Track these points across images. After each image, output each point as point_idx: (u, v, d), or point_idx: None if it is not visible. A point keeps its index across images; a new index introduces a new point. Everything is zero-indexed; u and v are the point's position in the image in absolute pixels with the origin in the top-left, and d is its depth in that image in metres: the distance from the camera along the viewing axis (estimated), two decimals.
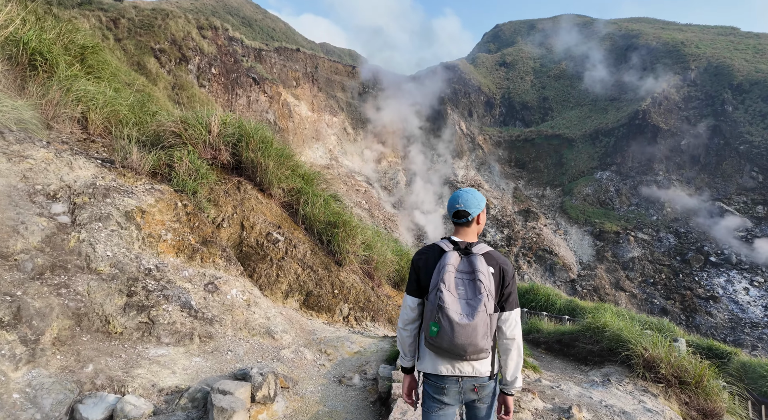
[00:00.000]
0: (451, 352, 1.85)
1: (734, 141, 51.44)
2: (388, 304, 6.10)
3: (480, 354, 1.87)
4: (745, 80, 53.39)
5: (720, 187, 51.17)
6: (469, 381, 1.95)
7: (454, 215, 2.08)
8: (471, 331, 1.80)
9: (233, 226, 5.77)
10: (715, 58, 58.43)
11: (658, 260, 47.75)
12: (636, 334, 4.81)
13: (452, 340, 1.81)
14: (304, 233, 6.30)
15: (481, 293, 1.84)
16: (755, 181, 49.44)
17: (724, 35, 69.57)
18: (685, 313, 42.88)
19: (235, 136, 6.45)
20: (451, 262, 1.91)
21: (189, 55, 37.96)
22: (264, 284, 5.41)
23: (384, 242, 7.10)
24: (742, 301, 41.80)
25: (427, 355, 1.98)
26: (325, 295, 5.66)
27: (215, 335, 3.93)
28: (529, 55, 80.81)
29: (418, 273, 2.03)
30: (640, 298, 45.34)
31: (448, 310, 1.81)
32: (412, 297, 2.04)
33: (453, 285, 1.87)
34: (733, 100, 53.36)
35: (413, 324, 2.05)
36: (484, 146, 64.24)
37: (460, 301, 1.84)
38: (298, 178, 6.80)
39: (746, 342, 38.13)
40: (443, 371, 1.94)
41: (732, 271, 44.49)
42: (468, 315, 1.81)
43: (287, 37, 69.94)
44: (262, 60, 54.53)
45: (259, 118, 47.05)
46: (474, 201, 2.08)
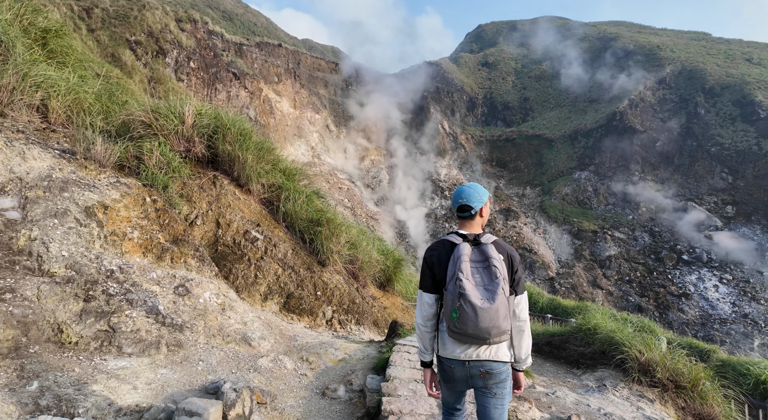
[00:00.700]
0: (476, 337, 1.94)
1: (706, 143, 53.17)
2: (373, 306, 5.81)
3: (502, 336, 1.97)
4: (717, 84, 55.22)
5: (692, 187, 52.81)
6: (476, 365, 2.02)
7: (459, 209, 2.19)
8: (494, 314, 1.91)
9: (208, 223, 5.38)
10: (688, 62, 60.26)
11: (634, 259, 48.98)
12: (629, 336, 4.67)
13: (477, 324, 1.90)
14: (285, 232, 5.95)
15: (497, 277, 1.96)
16: (725, 181, 51.22)
17: (696, 40, 71.85)
18: (659, 310, 44.12)
19: (210, 127, 6.05)
20: (465, 253, 2.02)
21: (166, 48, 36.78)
22: (241, 286, 5.05)
23: (369, 241, 6.81)
24: (712, 298, 43.26)
25: (449, 341, 2.08)
26: (307, 297, 5.34)
27: (185, 343, 3.57)
28: (510, 55, 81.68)
29: (432, 268, 2.13)
30: (617, 296, 46.41)
31: (470, 297, 1.91)
32: (429, 293, 2.13)
33: (470, 273, 1.98)
34: (705, 103, 55.13)
35: (432, 320, 2.15)
36: (466, 145, 64.61)
37: (478, 287, 1.95)
38: (278, 174, 6.44)
39: (715, 337, 39.48)
40: (462, 357, 2.03)
41: (703, 268, 46.00)
42: (489, 299, 1.92)
43: (269, 32, 68.69)
44: (242, 55, 53.41)
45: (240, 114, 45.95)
46: (476, 195, 2.19)
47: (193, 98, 7.58)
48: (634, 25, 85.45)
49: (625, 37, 72.48)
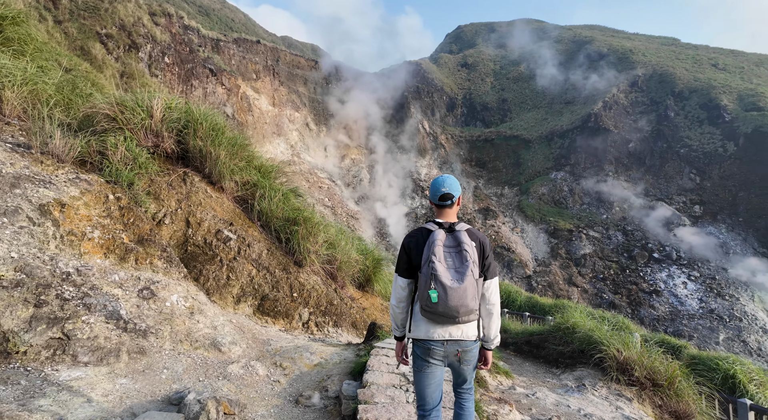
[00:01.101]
0: (446, 315, 2.10)
1: (675, 144, 55.10)
2: (352, 307, 5.65)
3: (470, 315, 2.13)
4: (686, 88, 57.30)
5: (662, 187, 54.65)
6: (453, 345, 2.18)
7: (440, 198, 2.31)
8: (462, 293, 2.06)
9: (177, 222, 5.11)
10: (659, 66, 62.32)
11: (608, 257, 50.32)
12: (607, 335, 4.67)
13: (446, 303, 2.06)
14: (260, 231, 5.73)
15: (467, 260, 2.12)
16: (693, 182, 53.21)
17: (666, 45, 74.42)
18: (631, 306, 45.46)
19: (181, 122, 5.77)
20: (439, 238, 2.18)
21: (140, 42, 35.59)
22: (212, 288, 4.81)
23: (348, 240, 6.65)
24: (681, 295, 44.86)
25: (422, 323, 2.21)
26: (283, 298, 5.14)
27: (149, 350, 3.34)
28: (489, 57, 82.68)
29: (409, 254, 2.27)
30: (591, 293, 47.59)
31: (441, 277, 2.07)
32: (403, 278, 2.29)
33: (442, 257, 2.13)
34: (674, 106, 57.14)
35: (405, 301, 2.31)
36: (446, 145, 65.03)
37: (450, 270, 2.11)
38: (253, 171, 6.20)
39: (684, 332, 40.97)
40: (435, 336, 2.18)
41: (672, 266, 47.65)
42: (458, 280, 2.08)
43: (247, 28, 67.43)
44: (220, 51, 52.30)
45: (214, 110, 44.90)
46: (455, 185, 2.37)
47: (167, 93, 7.30)
48: (607, 29, 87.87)
49: (599, 41, 74.41)
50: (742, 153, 50.07)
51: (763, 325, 40.64)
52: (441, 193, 2.30)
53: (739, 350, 38.61)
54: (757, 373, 8.26)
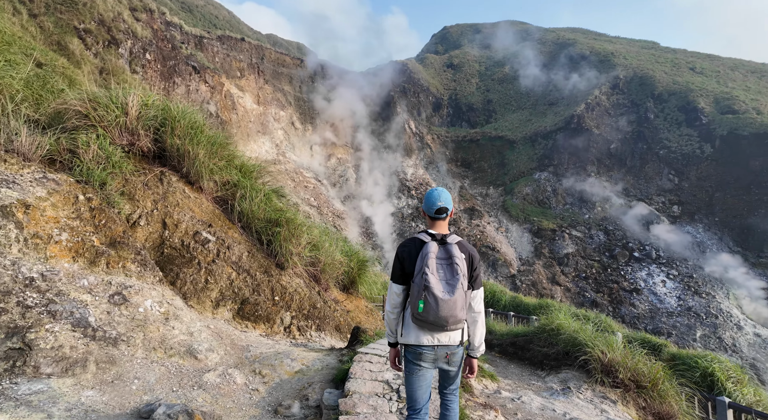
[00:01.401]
0: (436, 324, 2.22)
1: (655, 146, 56.38)
2: (336, 310, 5.53)
3: (458, 324, 2.25)
4: (665, 91, 58.68)
5: (642, 187, 55.87)
6: (442, 349, 2.32)
7: (436, 212, 2.42)
8: (452, 305, 2.18)
9: (153, 224, 4.92)
10: (639, 69, 63.66)
11: (590, 256, 51.18)
12: (592, 336, 4.66)
13: (437, 313, 2.17)
14: (241, 233, 5.56)
15: (458, 274, 2.24)
16: (672, 183, 54.54)
17: (646, 49, 76.13)
18: (613, 305, 46.31)
19: (158, 119, 5.56)
20: (432, 251, 2.28)
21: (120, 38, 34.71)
22: (189, 292, 4.64)
23: (332, 242, 6.52)
24: (660, 293, 45.91)
25: (412, 329, 2.32)
26: (264, 302, 4.99)
27: (119, 359, 3.17)
28: (474, 58, 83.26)
29: (402, 263, 2.37)
30: (574, 292, 48.34)
31: (433, 289, 2.17)
32: (398, 284, 2.38)
33: (435, 268, 2.24)
34: (654, 108, 58.46)
35: (399, 308, 2.42)
36: (432, 145, 65.24)
37: (441, 281, 2.21)
38: (234, 170, 6.03)
39: (663, 330, 41.95)
40: (424, 342, 2.30)
41: (652, 265, 48.72)
42: (449, 292, 2.19)
43: (231, 25, 66.46)
44: (203, 48, 51.51)
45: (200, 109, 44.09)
46: (449, 199, 2.46)
47: (144, 89, 7.05)
48: (590, 32, 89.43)
49: (581, 44, 75.66)
50: (718, 154, 51.51)
51: (737, 322, 41.86)
52: (437, 207, 2.41)
53: (715, 347, 39.74)
54: (734, 370, 8.43)
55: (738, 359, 37.94)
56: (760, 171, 47.95)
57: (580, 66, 69.36)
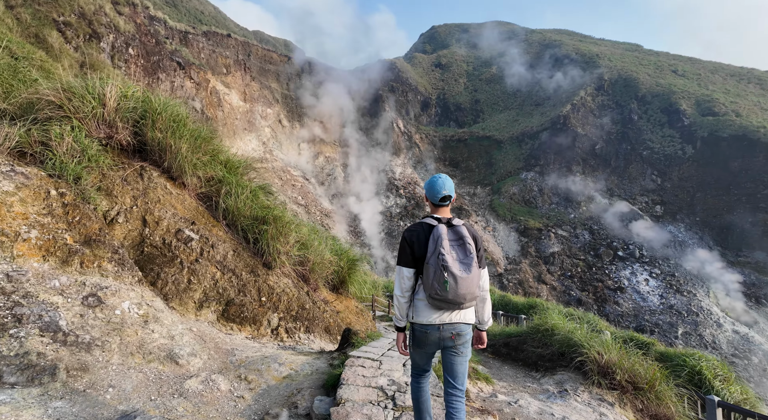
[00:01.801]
0: (454, 302, 2.28)
1: (638, 147, 57.38)
2: (325, 311, 5.34)
3: (473, 301, 2.34)
4: (648, 93, 59.74)
5: (627, 188, 56.82)
6: (447, 328, 2.35)
7: (441, 199, 2.50)
8: (470, 282, 2.27)
9: (132, 221, 4.66)
10: (624, 71, 64.69)
11: (575, 255, 51.83)
12: (588, 337, 4.57)
13: (457, 291, 2.24)
14: (226, 230, 5.33)
15: (471, 253, 2.33)
16: (655, 183, 55.59)
17: (630, 51, 77.42)
18: (597, 303, 46.97)
19: (138, 111, 5.29)
20: (444, 233, 2.35)
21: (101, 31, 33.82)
22: (171, 293, 4.40)
23: (322, 240, 6.32)
24: (643, 291, 46.73)
25: (424, 309, 2.38)
26: (250, 303, 4.78)
27: (93, 366, 2.94)
28: (462, 58, 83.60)
29: (412, 247, 2.41)
30: (560, 291, 48.92)
31: (451, 268, 2.24)
32: (408, 268, 2.42)
33: (449, 249, 2.31)
34: (638, 109, 59.48)
35: (410, 291, 2.45)
36: (420, 145, 65.26)
37: (456, 261, 2.29)
38: (218, 166, 5.78)
39: (646, 327, 42.71)
40: (435, 321, 2.35)
41: (635, 264, 49.57)
42: (465, 270, 2.27)
43: (217, 21, 65.40)
44: (188, 44, 50.67)
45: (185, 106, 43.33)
46: (452, 186, 2.53)
47: (123, 80, 6.74)
48: (575, 33, 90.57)
49: (567, 45, 76.57)
50: (699, 156, 52.67)
51: (717, 319, 42.83)
52: (442, 195, 2.48)
53: (696, 344, 40.61)
54: (721, 368, 8.49)
55: (718, 355, 38.86)
56: (739, 172, 49.19)
57: (566, 67, 70.20)
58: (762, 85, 64.01)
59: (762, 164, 48.22)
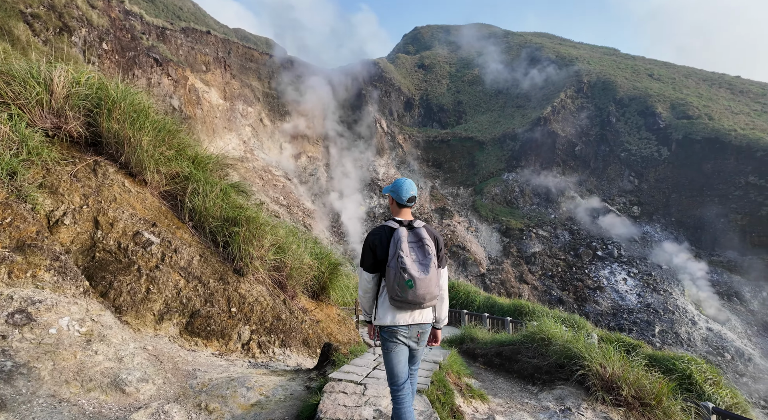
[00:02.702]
0: (414, 303, 2.36)
1: (617, 148, 58.52)
2: (304, 321, 4.86)
3: (433, 300, 2.42)
4: (626, 96, 61.02)
5: (605, 189, 57.84)
6: (415, 328, 2.47)
7: (408, 200, 2.55)
8: (428, 283, 2.35)
9: (82, 223, 4.08)
10: (602, 74, 65.96)
11: (556, 255, 52.44)
12: (588, 347, 4.23)
13: (416, 292, 2.32)
14: (192, 233, 4.80)
15: (430, 254, 2.41)
16: (632, 184, 56.75)
17: (608, 55, 79.11)
18: (578, 302, 47.58)
19: (91, 99, 4.71)
20: (404, 235, 2.42)
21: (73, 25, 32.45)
22: (125, 305, 3.85)
23: (301, 243, 5.83)
24: (622, 290, 47.57)
25: (388, 311, 2.45)
26: (218, 315, 4.26)
27: (11, 402, 2.40)
28: (445, 59, 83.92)
29: (374, 250, 2.47)
30: (541, 290, 49.38)
31: (410, 270, 2.32)
32: (369, 272, 2.49)
33: (408, 251, 2.38)
34: (616, 112, 60.69)
35: (371, 292, 2.55)
36: (404, 145, 65.06)
37: (415, 263, 2.36)
38: (186, 161, 5.23)
39: (625, 326, 43.44)
40: (400, 322, 2.45)
41: (614, 263, 50.45)
42: (424, 271, 2.35)
43: (196, 18, 63.87)
44: (166, 40, 49.28)
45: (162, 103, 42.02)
46: (416, 188, 2.60)
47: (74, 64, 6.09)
48: (555, 37, 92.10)
49: (548, 48, 77.71)
50: (674, 158, 54.04)
51: (692, 317, 43.88)
52: (410, 195, 2.55)
53: (672, 342, 41.49)
54: (710, 372, 8.35)
55: (693, 353, 39.81)
56: (711, 173, 50.66)
57: (546, 70, 71.20)
58: (732, 90, 66.23)
59: (733, 166, 49.77)
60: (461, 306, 15.61)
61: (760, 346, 41.53)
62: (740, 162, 49.15)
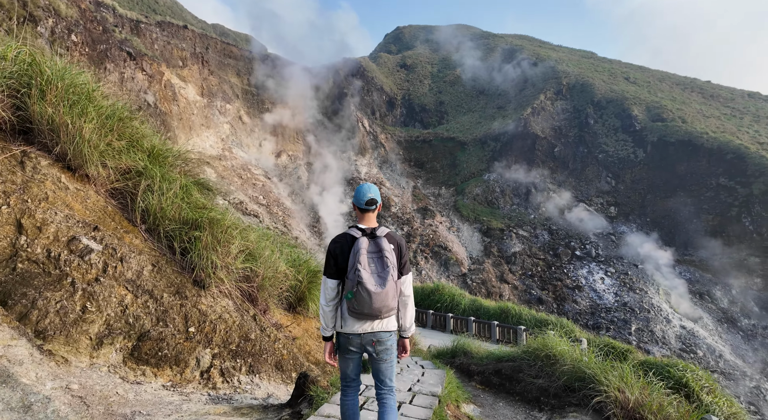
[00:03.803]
0: (370, 315, 2.41)
1: (595, 150, 59.50)
2: (277, 340, 4.19)
3: (391, 312, 2.47)
4: (603, 98, 62.13)
5: (583, 189, 58.73)
6: (369, 335, 2.51)
7: (366, 203, 2.58)
8: (384, 296, 2.38)
9: (0, 226, 3.32)
10: (581, 77, 67.00)
11: (535, 255, 52.90)
12: (603, 368, 3.71)
13: (371, 305, 2.36)
14: (145, 238, 4.07)
15: (388, 266, 2.42)
16: (609, 185, 57.80)
17: (586, 58, 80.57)
18: (557, 301, 48.08)
19: (20, 78, 3.93)
20: (363, 246, 2.45)
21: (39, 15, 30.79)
22: (52, 329, 3.12)
23: (276, 248, 5.15)
24: (599, 289, 48.29)
25: (349, 320, 2.51)
26: (172, 336, 3.56)
27: None
28: (427, 59, 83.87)
29: (336, 259, 2.52)
30: (521, 290, 49.69)
31: (366, 284, 2.35)
32: (332, 279, 2.53)
33: (366, 263, 2.42)
34: (594, 114, 61.72)
35: (335, 300, 2.57)
36: (386, 145, 64.54)
37: (373, 275, 2.40)
38: (140, 154, 4.49)
39: (602, 325, 44.07)
40: (358, 330, 2.50)
41: (592, 263, 51.21)
42: (380, 285, 2.38)
43: (173, 12, 61.87)
44: (140, 34, 47.49)
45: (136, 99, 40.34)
46: (377, 192, 2.64)
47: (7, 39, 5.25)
48: (535, 39, 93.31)
49: (528, 50, 78.55)
50: (649, 159, 55.29)
51: (666, 315, 44.86)
52: (368, 198, 2.54)
53: (647, 340, 42.30)
54: (706, 379, 8.07)
55: (667, 351, 40.70)
56: (685, 175, 52.02)
57: (527, 71, 71.94)
58: (703, 94, 68.35)
59: (705, 168, 51.20)
60: (446, 309, 15.12)
61: (729, 343, 42.78)
62: (712, 164, 50.63)
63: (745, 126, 57.09)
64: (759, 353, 42.18)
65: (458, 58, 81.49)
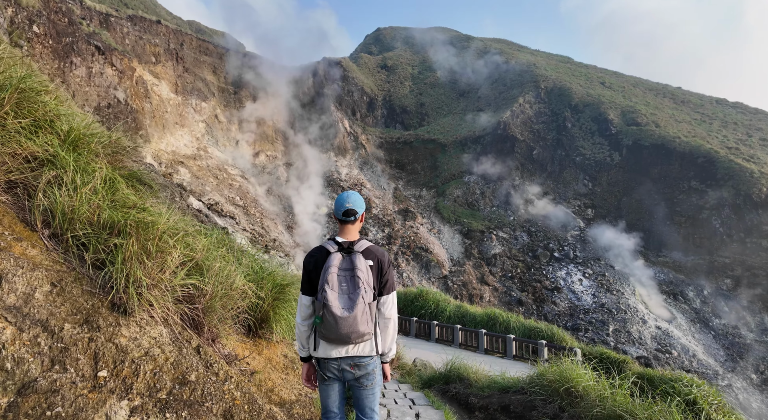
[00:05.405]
0: (339, 340, 2.22)
1: (572, 153, 60.24)
2: (228, 379, 3.19)
3: (362, 338, 2.24)
4: (580, 102, 63.04)
5: (561, 192, 59.32)
6: (346, 360, 2.32)
7: (344, 214, 2.41)
8: (352, 322, 2.16)
9: None
10: (559, 80, 67.86)
11: (515, 256, 52.97)
12: (643, 410, 2.90)
13: (338, 330, 2.17)
14: (47, 247, 3.03)
15: (359, 287, 2.21)
16: (587, 187, 58.57)
17: (563, 62, 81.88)
18: (537, 303, 48.20)
19: None
20: (334, 264, 2.26)
21: None
22: None
23: (233, 258, 4.17)
24: (578, 291, 48.67)
25: (321, 343, 2.33)
26: (72, 386, 2.55)
27: None
28: (407, 61, 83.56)
29: (309, 274, 2.36)
30: (501, 291, 49.60)
31: (331, 307, 2.16)
32: (307, 296, 2.37)
33: (336, 283, 2.22)
34: (571, 117, 62.54)
35: (310, 319, 2.38)
36: (366, 146, 63.66)
37: (342, 296, 2.20)
38: (50, 136, 3.44)
39: (581, 326, 44.34)
40: (332, 355, 2.31)
41: (570, 264, 51.64)
42: (348, 308, 2.17)
43: (146, 7, 59.47)
44: (110, 27, 45.35)
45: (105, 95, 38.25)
46: (359, 202, 2.47)
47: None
48: (513, 43, 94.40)
49: (507, 53, 79.23)
50: (624, 162, 56.30)
51: (642, 316, 45.49)
52: (345, 208, 2.38)
53: (625, 340, 42.72)
54: (713, 395, 7.48)
55: (644, 351, 41.18)
56: (658, 178, 53.15)
57: (505, 75, 72.43)
58: (674, 100, 70.32)
59: (677, 171, 52.41)
60: (431, 316, 14.29)
61: (702, 343, 43.67)
62: (683, 167, 51.88)
63: (715, 131, 58.90)
64: (729, 352, 43.21)
65: (438, 61, 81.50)
